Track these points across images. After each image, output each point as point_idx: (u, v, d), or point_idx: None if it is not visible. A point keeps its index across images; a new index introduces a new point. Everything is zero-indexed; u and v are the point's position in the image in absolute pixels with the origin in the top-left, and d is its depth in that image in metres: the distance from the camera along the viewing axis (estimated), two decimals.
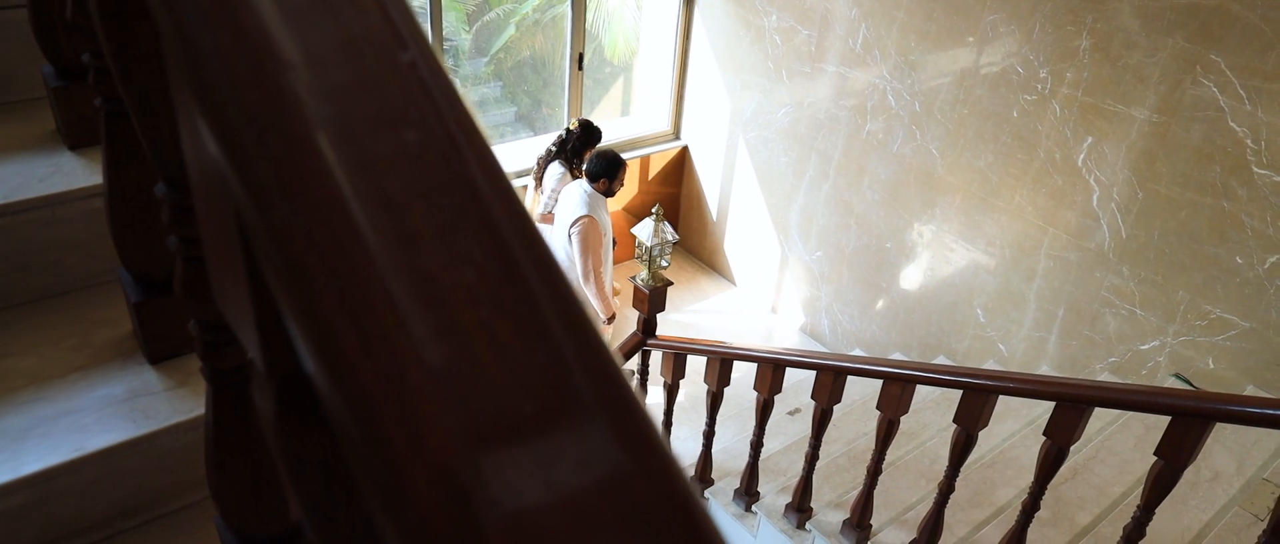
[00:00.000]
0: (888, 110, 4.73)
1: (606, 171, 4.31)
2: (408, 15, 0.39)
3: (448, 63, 5.68)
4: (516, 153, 5.80)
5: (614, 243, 4.66)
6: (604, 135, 4.74)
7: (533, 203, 4.79)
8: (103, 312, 1.23)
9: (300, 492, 0.53)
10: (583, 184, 4.37)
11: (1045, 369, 4.49)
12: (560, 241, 4.47)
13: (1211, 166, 3.64)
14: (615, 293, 4.74)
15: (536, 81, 8.05)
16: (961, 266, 4.72)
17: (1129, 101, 3.81)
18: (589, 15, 6.34)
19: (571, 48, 5.37)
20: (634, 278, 3.72)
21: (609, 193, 4.37)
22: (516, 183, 5.43)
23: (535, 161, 4.82)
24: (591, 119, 4.73)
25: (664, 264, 3.68)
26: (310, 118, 0.35)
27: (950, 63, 4.39)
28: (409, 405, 0.30)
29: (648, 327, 3.80)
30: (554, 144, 4.71)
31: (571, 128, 4.64)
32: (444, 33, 5.48)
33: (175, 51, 0.41)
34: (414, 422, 0.30)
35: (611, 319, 4.51)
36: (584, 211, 4.32)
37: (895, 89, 4.66)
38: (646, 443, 0.32)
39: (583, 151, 4.63)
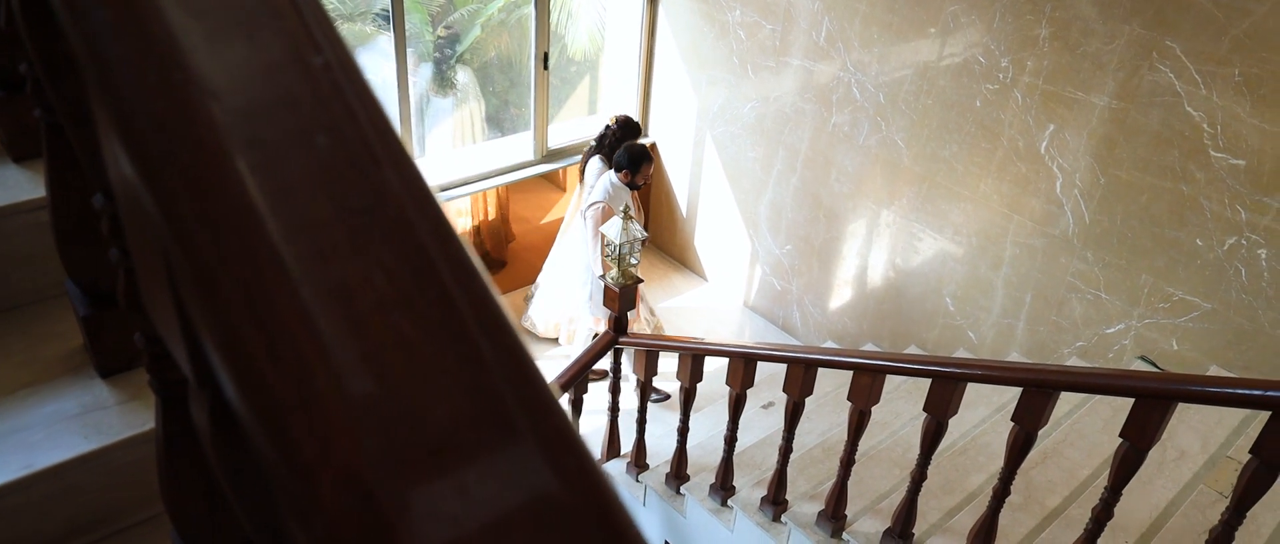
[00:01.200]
0: (853, 102, 4.76)
1: (630, 163, 4.53)
2: (324, 20, 0.38)
3: (415, 62, 5.65)
4: (486, 154, 5.78)
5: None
6: (642, 131, 4.96)
7: (578, 197, 4.99)
8: (52, 326, 1.21)
9: (242, 505, 0.52)
10: (610, 174, 4.60)
11: (1015, 355, 4.53)
12: (578, 227, 4.64)
13: (1170, 151, 3.69)
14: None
15: (504, 82, 8.02)
16: (929, 256, 4.76)
17: (1089, 88, 3.85)
18: (554, 15, 6.31)
19: (536, 48, 5.35)
20: (604, 276, 3.72)
21: (633, 185, 4.57)
22: (486, 185, 5.41)
23: (580, 157, 5.09)
24: (630, 115, 4.90)
25: (634, 262, 3.68)
26: (220, 126, 0.34)
27: (913, 54, 4.42)
28: (318, 413, 0.29)
29: (619, 324, 3.80)
30: (595, 139, 4.95)
31: (610, 124, 4.81)
32: (410, 33, 5.45)
33: (86, 63, 0.40)
34: (324, 429, 0.29)
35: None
36: (600, 198, 4.55)
37: (859, 81, 4.68)
38: (566, 447, 0.32)
39: (619, 145, 4.79)
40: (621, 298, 3.69)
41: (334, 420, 0.29)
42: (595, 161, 4.91)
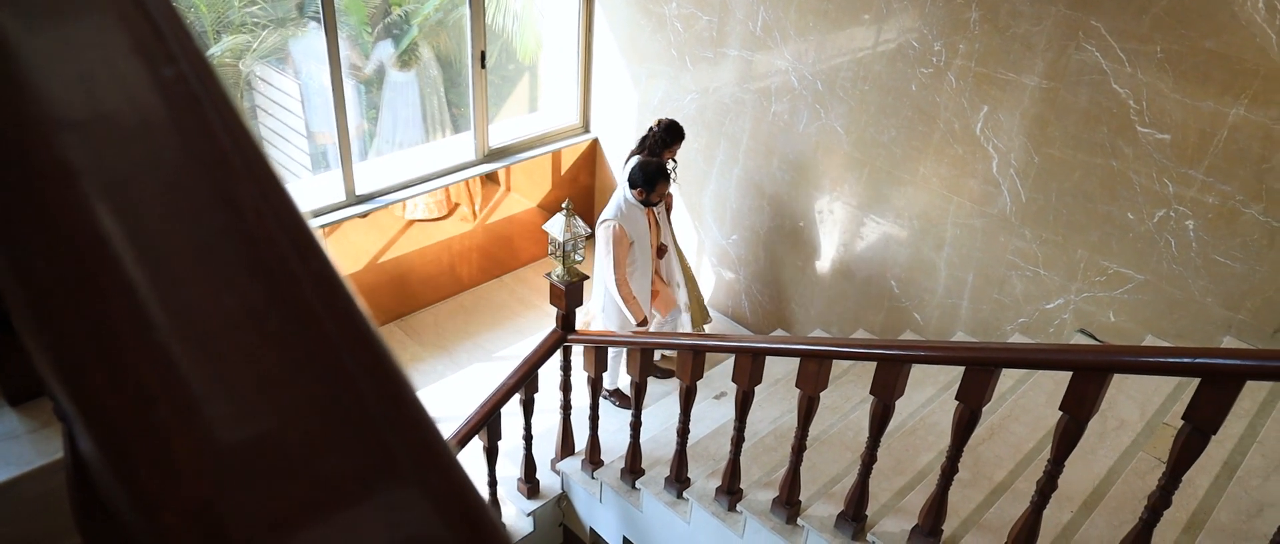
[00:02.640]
0: (791, 91, 4.78)
1: (644, 181, 4.36)
2: (179, 28, 0.36)
3: (362, 66, 5.56)
4: (426, 156, 5.71)
5: (662, 250, 4.70)
6: (681, 129, 4.68)
7: None
8: None
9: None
10: (624, 190, 4.44)
11: (960, 335, 4.60)
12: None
13: (1099, 128, 3.77)
14: (656, 296, 4.73)
15: (444, 82, 7.93)
16: (873, 240, 4.81)
17: (1019, 69, 3.92)
18: (490, 13, 6.25)
19: (473, 47, 5.30)
20: (549, 274, 3.70)
21: (646, 202, 4.42)
22: (429, 186, 5.35)
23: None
24: (675, 119, 4.67)
25: (578, 258, 3.66)
26: (57, 138, 0.32)
27: (849, 41, 4.46)
28: (161, 445, 0.28)
29: (566, 322, 3.78)
30: (637, 142, 4.74)
31: (654, 127, 4.64)
32: (348, 35, 5.35)
33: None
34: (168, 462, 0.28)
35: (642, 323, 4.50)
36: (609, 215, 4.43)
37: (797, 70, 4.71)
38: (449, 485, 0.31)
39: (661, 151, 4.63)
40: (568, 295, 3.67)
41: (181, 453, 0.28)
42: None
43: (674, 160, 4.77)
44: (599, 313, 4.76)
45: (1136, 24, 3.54)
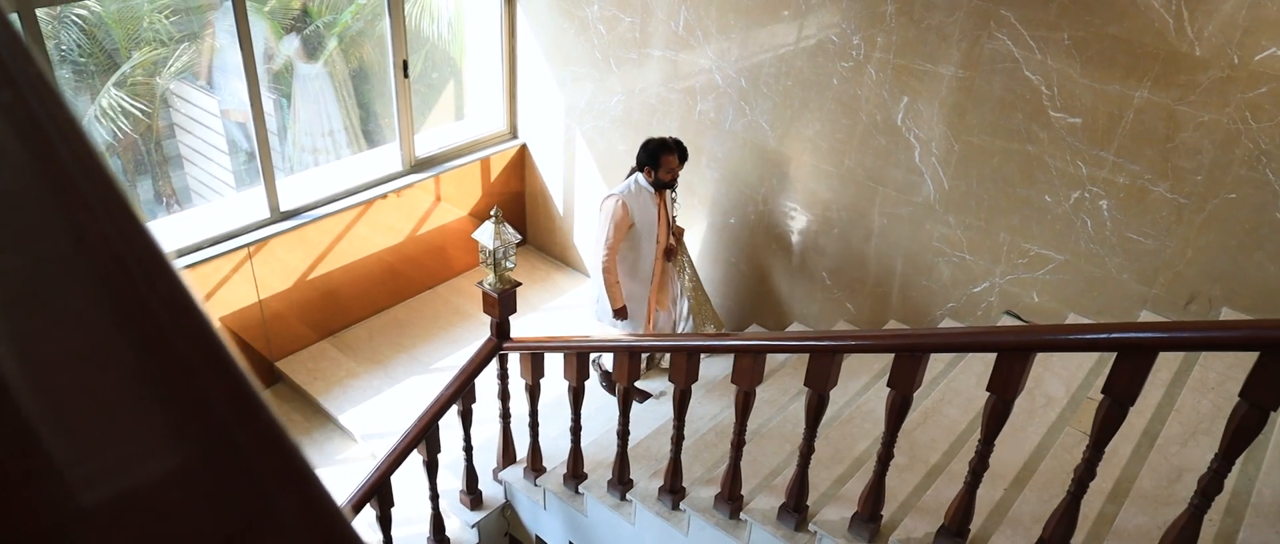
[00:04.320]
0: (716, 89, 4.82)
1: (648, 159, 4.28)
2: (17, 49, 0.35)
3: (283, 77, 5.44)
4: (353, 168, 5.62)
5: (670, 252, 4.58)
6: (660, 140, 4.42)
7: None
8: None
9: None
10: (637, 174, 4.36)
11: (892, 323, 4.69)
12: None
13: (1014, 114, 3.88)
14: (655, 300, 4.62)
15: (368, 93, 7.82)
16: (803, 233, 4.87)
17: (935, 60, 4.00)
18: (413, 20, 6.19)
19: (394, 56, 5.23)
20: (481, 283, 3.66)
21: (659, 183, 4.32)
22: (356, 199, 5.26)
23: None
24: (678, 138, 4.46)
25: (509, 266, 3.63)
26: None
27: (770, 38, 4.51)
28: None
29: (501, 330, 3.76)
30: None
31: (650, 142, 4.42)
32: (265, 47, 5.23)
33: None
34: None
35: (619, 312, 4.43)
36: (616, 191, 4.32)
37: (721, 68, 4.75)
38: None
39: (645, 168, 4.39)
40: (501, 304, 3.64)
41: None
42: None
43: (674, 176, 4.49)
44: (594, 307, 4.68)
45: (1044, 12, 3.64)
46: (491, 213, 3.52)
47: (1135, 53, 3.51)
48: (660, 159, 4.25)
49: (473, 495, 4.13)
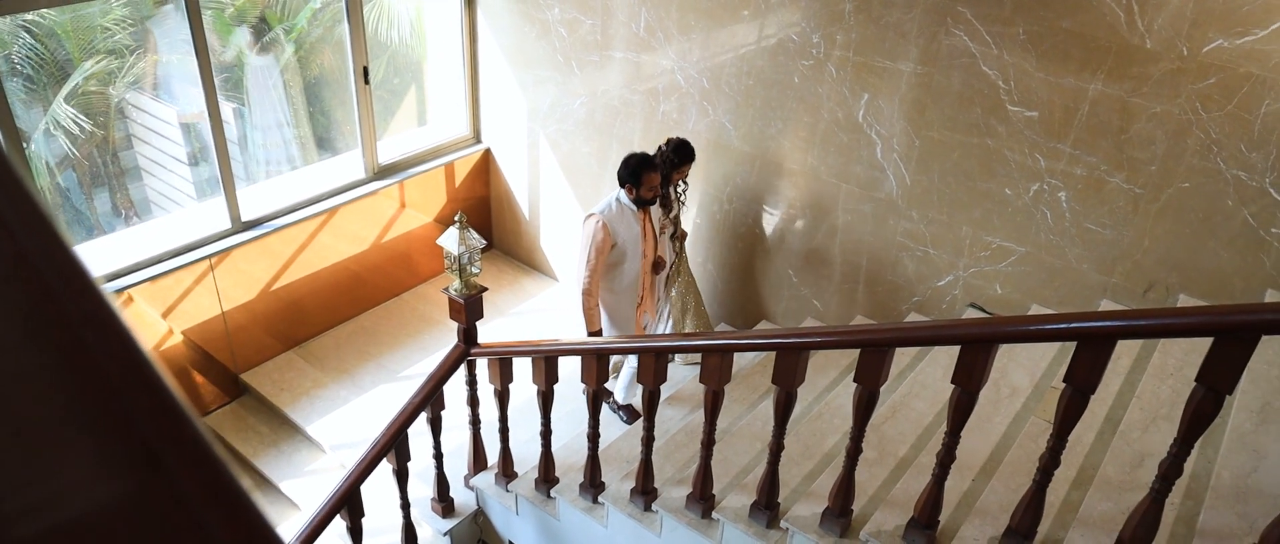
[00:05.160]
0: (679, 89, 4.83)
1: (629, 177, 4.09)
2: None
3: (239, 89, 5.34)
4: (315, 176, 5.56)
5: (659, 264, 4.44)
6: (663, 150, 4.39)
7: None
8: None
9: None
10: (619, 192, 4.18)
11: (859, 318, 4.72)
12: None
13: (972, 109, 3.92)
14: (642, 307, 4.47)
15: (330, 100, 7.73)
16: (769, 231, 4.90)
17: (894, 56, 4.04)
18: (372, 25, 6.13)
19: (354, 62, 5.18)
20: (446, 289, 3.64)
21: (640, 201, 4.14)
22: (319, 207, 5.20)
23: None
24: (685, 139, 4.37)
25: (475, 271, 3.61)
26: None
27: (730, 37, 4.53)
28: None
29: (468, 336, 3.74)
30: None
31: (662, 147, 4.33)
32: (232, 54, 5.14)
33: None
34: None
35: (594, 334, 4.26)
36: (596, 210, 4.15)
37: (682, 68, 4.76)
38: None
39: (672, 172, 4.34)
40: (468, 309, 3.62)
41: None
42: None
43: (684, 182, 4.50)
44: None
45: (999, 8, 3.69)
46: (456, 218, 3.50)
47: (1089, 46, 3.57)
48: (641, 176, 4.07)
49: (444, 503, 4.10)
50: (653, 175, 4.10)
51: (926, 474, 2.74)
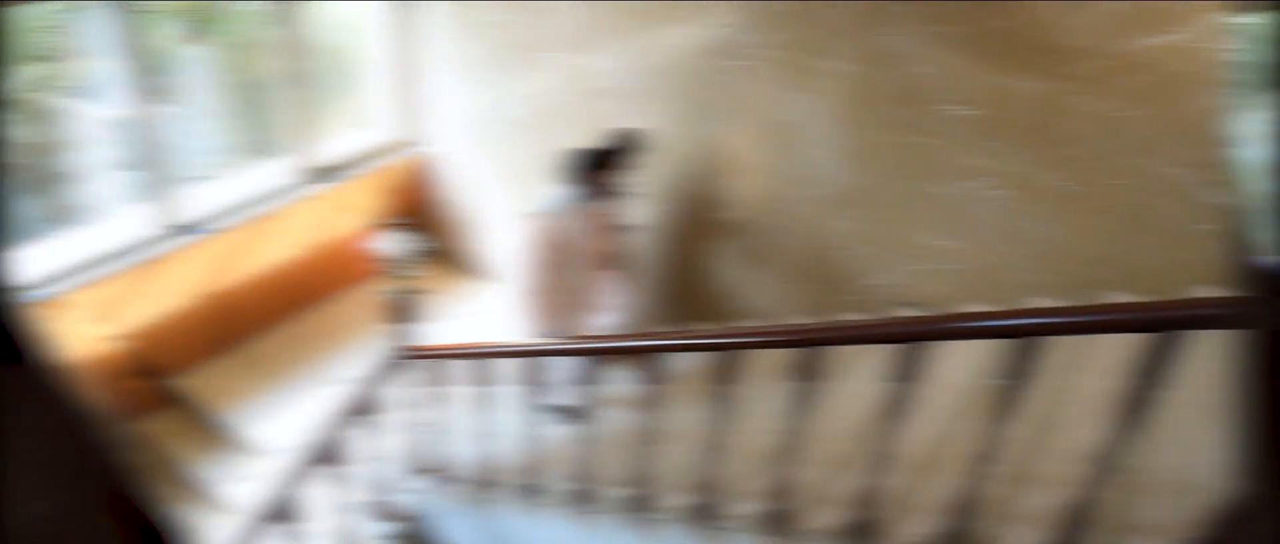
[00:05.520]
0: (615, 91, 4.80)
1: (572, 172, 4.01)
2: None
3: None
4: (250, 179, 5.42)
5: (590, 251, 4.25)
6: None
7: None
8: None
9: None
10: (560, 189, 4.07)
11: (800, 319, 4.73)
12: None
13: (908, 108, 3.95)
14: (584, 306, 4.30)
15: (266, 102, 7.56)
16: (707, 232, 4.89)
17: (829, 56, 4.05)
18: (309, 28, 6.00)
19: (290, 64, 5.08)
20: (383, 292, 3.58)
21: (581, 197, 4.04)
22: (255, 211, 5.07)
23: None
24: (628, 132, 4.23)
25: (411, 274, 3.57)
26: None
27: (667, 38, 4.51)
28: None
29: (405, 338, 3.68)
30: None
31: (604, 142, 4.23)
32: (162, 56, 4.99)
33: None
34: None
35: (540, 334, 4.18)
36: (536, 208, 4.04)
37: (619, 69, 4.74)
38: None
39: (614, 168, 4.22)
40: (404, 312, 3.56)
41: None
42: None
43: (628, 178, 4.34)
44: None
45: (932, 8, 3.72)
46: (392, 221, 3.44)
47: (1021, 45, 3.61)
48: (583, 172, 4.04)
49: (383, 507, 4.04)
50: (595, 172, 4.07)
51: (863, 473, 2.74)
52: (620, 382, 4.68)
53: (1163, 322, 2.07)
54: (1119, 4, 3.38)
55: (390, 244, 3.46)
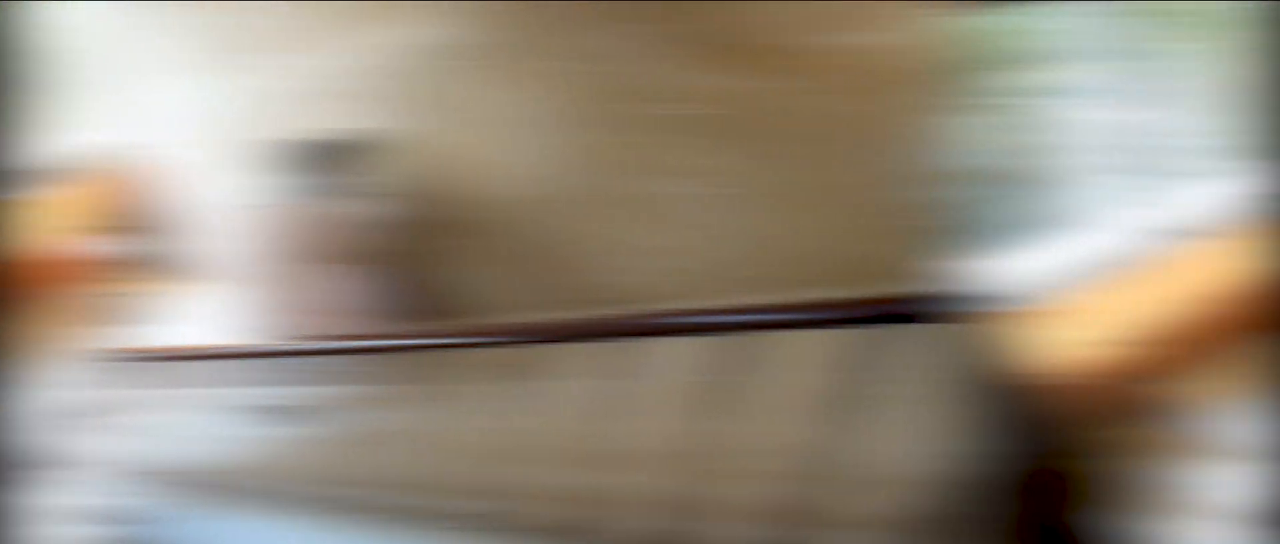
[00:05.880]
0: (334, 91, 4.59)
1: (293, 170, 4.04)
2: None
3: None
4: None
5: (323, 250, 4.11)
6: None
7: None
8: None
9: None
10: (290, 185, 4.06)
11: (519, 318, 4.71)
12: None
13: (624, 106, 4.01)
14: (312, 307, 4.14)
15: None
16: (431, 234, 4.78)
17: (546, 56, 4.09)
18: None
19: None
20: (97, 296, 3.39)
21: (309, 193, 4.05)
22: None
23: None
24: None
25: (130, 278, 3.38)
26: None
27: (383, 38, 4.38)
28: None
29: (127, 342, 3.50)
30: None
31: (324, 140, 4.10)
32: None
33: None
34: None
35: (257, 336, 4.04)
36: (262, 204, 4.05)
37: (336, 69, 4.54)
38: None
39: (336, 167, 4.10)
40: (122, 316, 3.40)
41: None
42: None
43: (353, 179, 4.30)
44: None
45: (648, 6, 3.82)
46: (104, 225, 3.24)
47: (738, 43, 3.75)
48: (305, 170, 3.99)
49: (108, 515, 3.79)
50: (318, 169, 4.05)
51: (579, 471, 2.80)
52: (346, 381, 4.59)
53: (870, 316, 2.22)
54: (836, 2, 3.57)
55: (101, 248, 3.26)
